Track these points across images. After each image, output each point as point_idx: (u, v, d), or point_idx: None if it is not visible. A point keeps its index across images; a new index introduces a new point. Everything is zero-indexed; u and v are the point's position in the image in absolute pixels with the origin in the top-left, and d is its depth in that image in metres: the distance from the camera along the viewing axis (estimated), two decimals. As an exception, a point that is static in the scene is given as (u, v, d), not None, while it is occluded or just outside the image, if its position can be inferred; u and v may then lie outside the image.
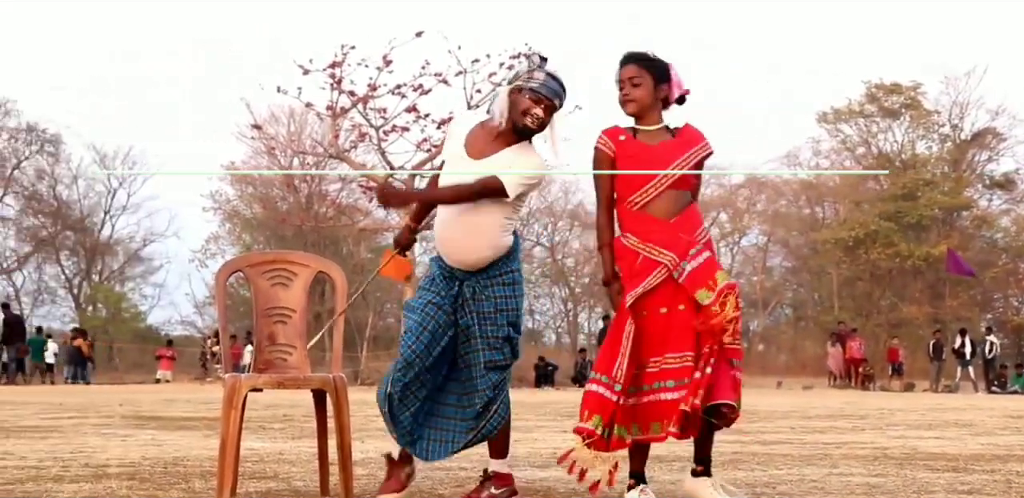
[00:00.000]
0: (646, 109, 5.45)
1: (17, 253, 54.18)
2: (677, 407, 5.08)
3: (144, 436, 10.33)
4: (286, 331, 5.86)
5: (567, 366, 38.04)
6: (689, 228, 5.33)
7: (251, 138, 40.13)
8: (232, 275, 5.88)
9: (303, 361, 5.82)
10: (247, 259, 5.97)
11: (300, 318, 5.86)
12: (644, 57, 5.48)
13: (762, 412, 16.04)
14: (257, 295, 5.86)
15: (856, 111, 54.55)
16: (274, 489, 6.08)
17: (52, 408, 16.06)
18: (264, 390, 5.59)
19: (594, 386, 5.23)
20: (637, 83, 5.42)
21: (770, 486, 6.33)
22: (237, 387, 5.49)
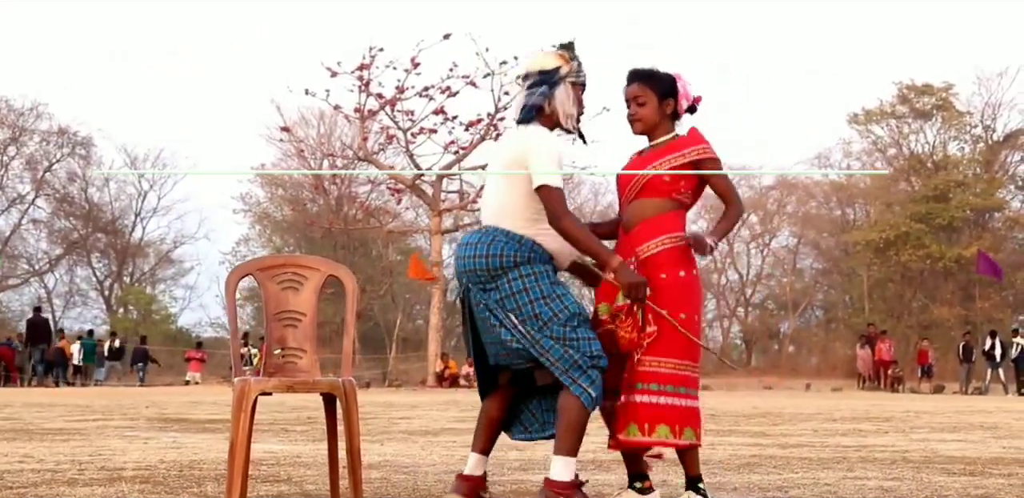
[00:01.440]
0: (652, 127, 5.43)
1: (49, 255, 54.51)
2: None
3: (166, 439, 10.37)
4: (296, 335, 5.86)
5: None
6: (640, 239, 5.27)
7: (280, 141, 40.28)
8: (243, 279, 5.89)
9: (313, 365, 5.82)
10: (257, 263, 5.98)
11: (310, 322, 5.86)
12: (647, 74, 5.44)
13: (787, 414, 15.98)
14: (267, 299, 5.87)
15: (887, 112, 54.35)
16: (285, 492, 6.09)
17: (78, 410, 16.13)
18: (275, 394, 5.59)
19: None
20: (642, 102, 5.40)
21: (783, 490, 6.30)
22: (246, 391, 5.49)
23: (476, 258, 5.19)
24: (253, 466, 7.47)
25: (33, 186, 52.62)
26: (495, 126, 30.85)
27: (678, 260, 5.22)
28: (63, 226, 54.26)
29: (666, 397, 5.10)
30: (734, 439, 10.66)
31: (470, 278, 5.22)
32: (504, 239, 5.17)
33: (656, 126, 5.42)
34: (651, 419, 5.08)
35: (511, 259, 5.14)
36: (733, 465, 7.87)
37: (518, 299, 5.11)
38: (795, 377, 43.63)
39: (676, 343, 5.12)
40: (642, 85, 5.40)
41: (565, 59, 5.28)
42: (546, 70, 5.26)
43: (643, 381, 5.10)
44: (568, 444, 5.06)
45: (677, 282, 5.19)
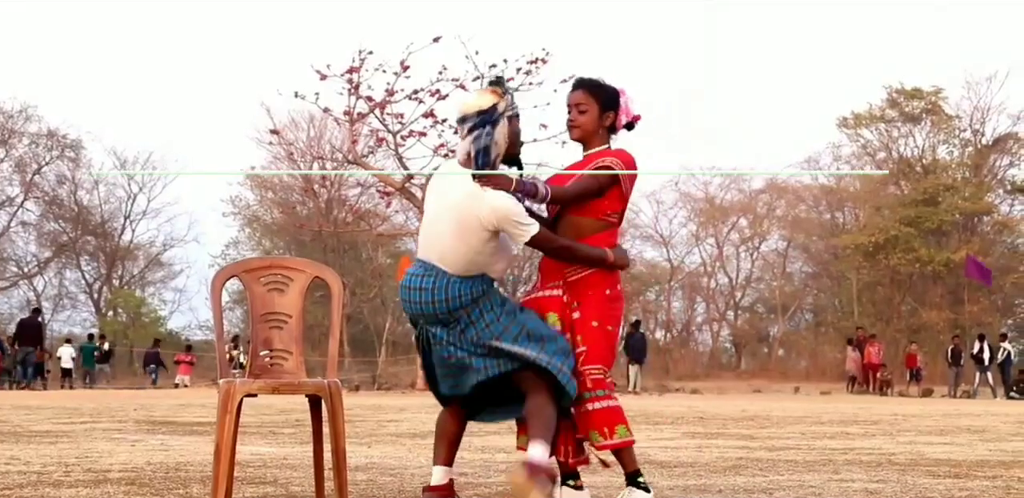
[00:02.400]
0: (589, 135, 5.50)
1: (38, 258, 54.43)
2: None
3: (153, 441, 10.36)
4: (282, 336, 5.86)
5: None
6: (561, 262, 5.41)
7: (270, 143, 40.26)
8: (229, 281, 5.90)
9: (299, 366, 5.82)
10: (243, 265, 5.98)
11: (296, 323, 5.86)
12: (593, 83, 5.51)
13: (775, 418, 16.01)
14: (253, 300, 5.87)
15: (877, 116, 54.43)
16: (271, 494, 6.10)
17: (66, 413, 16.11)
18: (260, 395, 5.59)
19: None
20: (583, 110, 5.47)
21: (767, 492, 6.32)
22: (232, 392, 5.49)
23: (435, 303, 5.25)
24: (239, 468, 7.47)
25: (22, 188, 52.57)
26: (485, 129, 30.79)
27: (603, 280, 5.36)
28: (52, 228, 54.19)
29: (610, 401, 5.27)
30: (721, 442, 10.68)
31: (428, 320, 5.30)
32: (457, 280, 5.25)
33: (592, 136, 5.50)
34: (608, 423, 5.23)
35: (468, 297, 5.23)
36: (719, 467, 7.89)
37: (479, 324, 5.24)
38: (784, 380, 43.69)
39: (602, 352, 5.30)
40: (587, 93, 5.48)
41: (499, 95, 5.30)
42: (484, 110, 5.27)
43: (592, 389, 5.24)
44: (545, 433, 5.13)
45: (604, 299, 5.34)
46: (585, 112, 5.46)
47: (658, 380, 40.62)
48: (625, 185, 5.40)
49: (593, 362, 5.25)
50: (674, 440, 10.97)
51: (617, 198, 5.40)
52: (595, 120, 5.46)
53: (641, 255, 57.90)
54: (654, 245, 58.08)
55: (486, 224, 5.18)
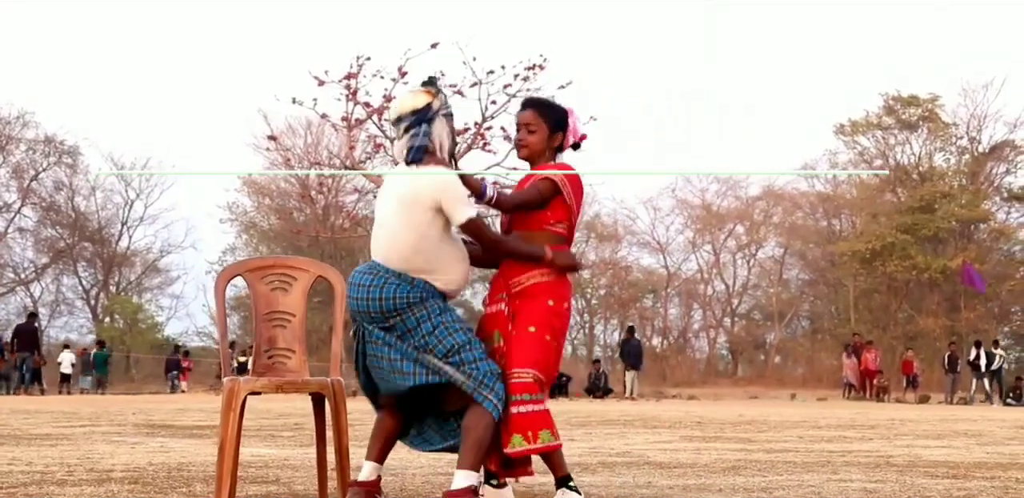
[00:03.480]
0: (536, 155, 5.55)
1: (35, 264, 54.35)
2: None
3: (153, 443, 10.38)
4: (285, 335, 5.92)
5: (582, 377, 38.02)
6: (516, 272, 5.45)
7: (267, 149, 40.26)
8: (231, 280, 5.94)
9: (302, 365, 5.87)
10: (246, 264, 6.03)
11: (299, 322, 5.91)
12: (543, 104, 5.60)
13: (772, 422, 16.04)
14: (257, 300, 5.92)
15: (873, 123, 54.46)
16: (274, 493, 6.13)
17: (65, 417, 16.13)
18: (264, 394, 5.64)
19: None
20: (532, 130, 5.52)
21: (767, 491, 6.36)
22: (236, 390, 5.54)
23: (369, 300, 5.26)
24: (241, 468, 7.49)
25: (20, 195, 52.49)
26: (482, 135, 30.81)
27: (546, 291, 5.36)
28: (50, 235, 54.11)
29: (535, 406, 5.25)
30: (719, 445, 10.72)
31: (364, 318, 5.31)
32: (396, 282, 5.27)
33: (539, 155, 5.54)
34: (532, 427, 5.21)
35: (404, 300, 5.25)
36: (718, 468, 7.93)
37: (416, 334, 5.25)
38: (781, 387, 43.68)
39: (532, 355, 5.27)
40: (536, 114, 5.53)
41: (432, 94, 5.40)
42: (418, 109, 5.36)
43: (515, 393, 5.23)
44: (473, 460, 5.18)
45: (545, 309, 5.34)
46: (534, 132, 5.51)
47: (655, 387, 40.63)
48: (568, 195, 5.41)
49: (520, 365, 5.24)
50: (672, 443, 11.01)
51: (560, 207, 5.42)
52: (543, 140, 5.51)
53: (638, 262, 57.97)
54: (651, 252, 58.10)
55: (426, 198, 5.22)
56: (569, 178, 5.42)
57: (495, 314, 5.42)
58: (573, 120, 5.55)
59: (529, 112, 5.53)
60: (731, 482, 6.88)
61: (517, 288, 5.38)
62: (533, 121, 5.50)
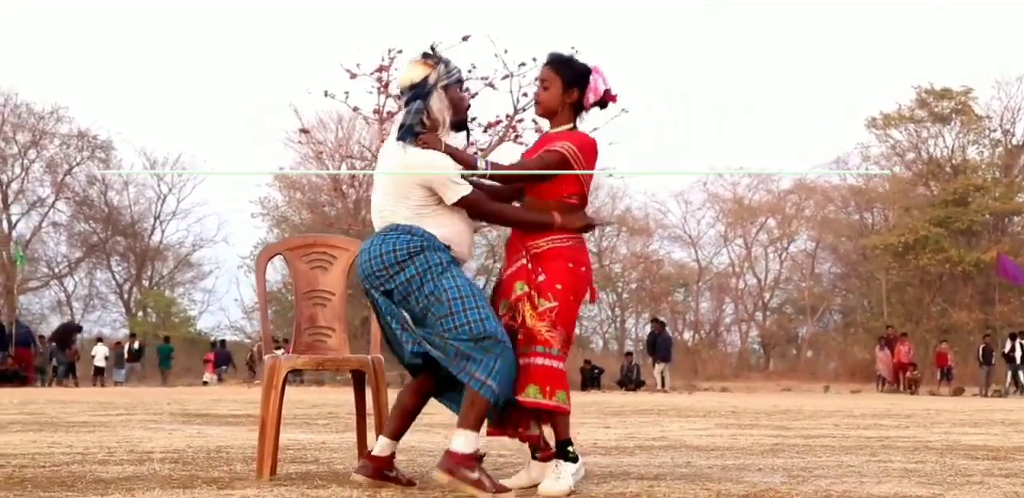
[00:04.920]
0: (552, 112, 5.50)
1: (68, 259, 54.64)
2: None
3: (190, 430, 10.42)
4: (325, 314, 5.94)
5: (614, 370, 38.00)
6: (532, 237, 5.38)
7: (299, 143, 40.38)
8: (272, 258, 5.96)
9: (342, 343, 5.88)
10: (287, 243, 6.05)
11: (339, 301, 5.93)
12: (558, 60, 5.51)
13: (807, 411, 15.99)
14: (297, 278, 5.94)
15: (906, 116, 54.19)
16: (313, 471, 6.14)
17: (100, 407, 16.20)
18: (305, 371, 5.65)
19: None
20: (547, 86, 5.47)
21: (807, 470, 6.34)
22: (277, 367, 5.56)
23: (371, 260, 5.19)
24: (280, 450, 7.52)
25: (53, 189, 52.79)
26: (514, 127, 30.88)
27: (564, 254, 5.31)
28: (83, 229, 54.40)
29: (557, 362, 5.19)
30: (755, 431, 10.68)
31: (370, 282, 5.22)
32: (395, 234, 5.20)
33: (556, 112, 5.49)
34: (551, 383, 5.15)
35: (404, 252, 5.15)
36: (756, 451, 7.91)
37: (416, 297, 5.14)
38: (813, 381, 43.53)
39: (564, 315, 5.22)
40: (551, 69, 5.47)
41: (430, 66, 5.33)
42: (415, 83, 5.31)
43: (540, 344, 5.17)
44: (470, 419, 5.08)
45: (567, 270, 5.29)
46: (548, 88, 5.46)
47: (687, 380, 40.55)
48: (579, 166, 5.34)
49: (555, 322, 5.19)
50: (707, 429, 10.98)
51: (572, 180, 5.36)
52: (557, 97, 5.44)
53: (669, 255, 57.90)
54: (682, 245, 58.05)
55: (415, 177, 5.17)
56: (581, 148, 5.34)
57: (517, 270, 5.35)
58: (595, 78, 5.45)
59: (546, 68, 5.48)
60: (770, 462, 6.86)
61: (535, 250, 5.32)
62: (548, 77, 5.45)
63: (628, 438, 9.42)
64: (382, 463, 5.35)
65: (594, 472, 6.12)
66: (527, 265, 5.32)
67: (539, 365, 5.15)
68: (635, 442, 8.86)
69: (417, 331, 5.13)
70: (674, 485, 5.44)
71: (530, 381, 5.14)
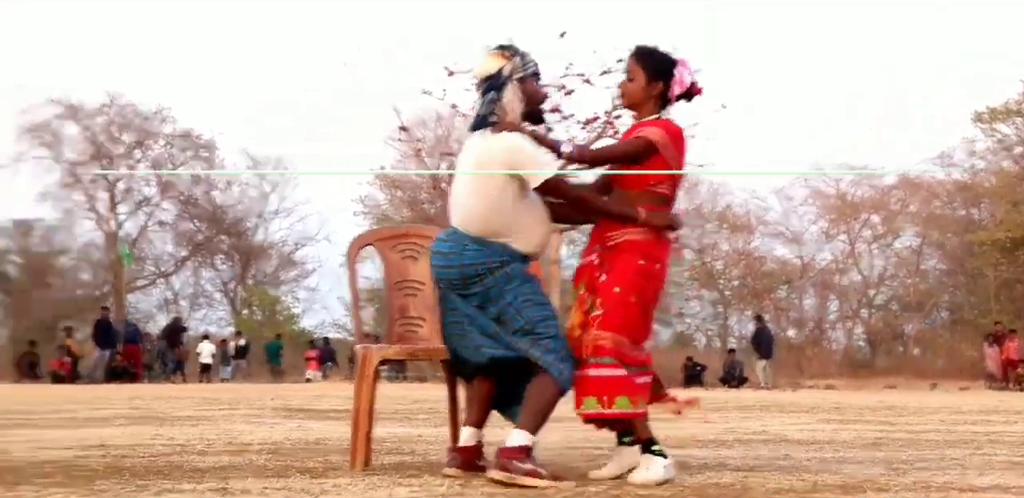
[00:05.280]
0: (636, 104, 5.45)
1: (174, 257, 55.34)
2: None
3: (291, 424, 10.49)
4: (416, 304, 5.93)
5: (716, 367, 37.79)
6: (611, 228, 5.32)
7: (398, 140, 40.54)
8: (363, 248, 5.96)
9: (434, 333, 5.86)
10: (378, 233, 6.06)
11: (430, 291, 5.91)
12: (643, 52, 5.45)
13: (912, 407, 15.75)
14: (388, 268, 5.94)
15: (1013, 110, 53.29)
16: (408, 462, 6.14)
17: (205, 402, 16.38)
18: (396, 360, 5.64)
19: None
20: (631, 78, 5.43)
21: (908, 463, 6.23)
22: (368, 357, 5.56)
23: (449, 268, 5.20)
24: (376, 443, 7.54)
25: (159, 189, 53.51)
26: (611, 124, 30.71)
27: (637, 249, 5.23)
28: (188, 228, 55.08)
29: (614, 370, 5.11)
30: (859, 426, 10.53)
31: (445, 285, 5.25)
32: (474, 247, 5.19)
33: (640, 104, 5.43)
34: (608, 391, 5.09)
35: (484, 266, 5.16)
36: (858, 445, 7.79)
37: (495, 305, 5.15)
38: (920, 379, 42.91)
39: (616, 320, 5.14)
40: (636, 62, 5.43)
41: (506, 58, 5.31)
42: (491, 75, 5.30)
43: (593, 355, 5.13)
44: (532, 422, 5.11)
45: (635, 268, 5.20)
46: (632, 80, 5.41)
47: (791, 378, 40.17)
48: (668, 153, 5.26)
49: (603, 327, 5.12)
50: (810, 424, 10.84)
51: (661, 167, 5.27)
52: (642, 88, 5.38)
53: (771, 252, 57.42)
54: (784, 242, 57.54)
55: (497, 163, 5.15)
56: (672, 136, 5.28)
57: (586, 265, 5.34)
58: (680, 71, 5.40)
59: (631, 60, 5.44)
60: (871, 455, 6.75)
61: (611, 242, 5.27)
62: (632, 69, 5.42)
63: (728, 432, 9.33)
64: (470, 454, 5.35)
65: (690, 464, 6.06)
66: (595, 261, 5.30)
67: (591, 376, 5.11)
68: (734, 436, 8.78)
69: (501, 333, 5.13)
70: (770, 476, 5.37)
71: (586, 394, 5.12)
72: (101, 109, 51.95)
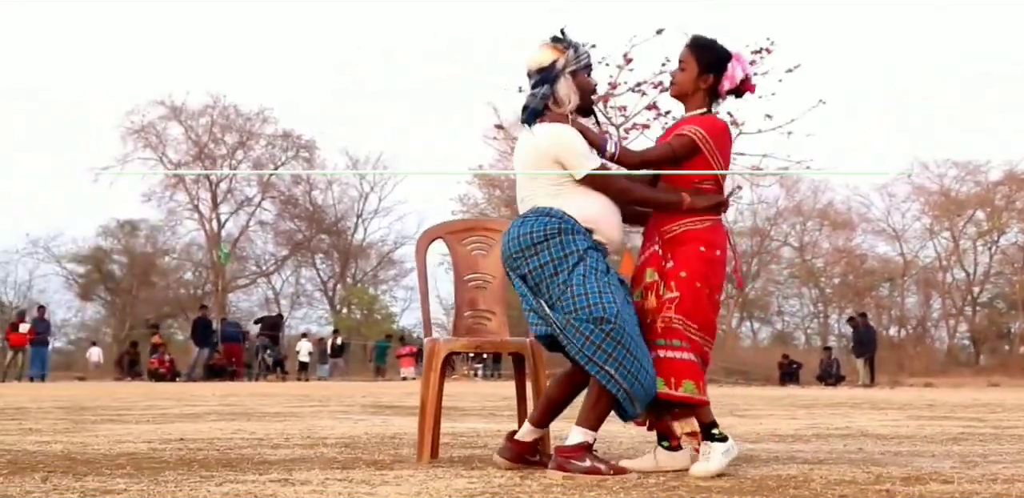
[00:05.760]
0: (685, 95, 5.41)
1: (275, 256, 55.96)
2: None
3: (376, 420, 10.56)
4: (485, 297, 5.96)
5: (814, 366, 37.45)
6: (666, 221, 5.29)
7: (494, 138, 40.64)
8: (433, 241, 6.00)
9: (502, 326, 5.89)
10: (447, 227, 6.09)
11: (499, 284, 5.95)
12: (699, 43, 5.41)
13: (1008, 404, 15.51)
14: (457, 262, 5.98)
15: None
16: (477, 455, 6.16)
17: (298, 399, 16.53)
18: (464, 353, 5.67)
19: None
20: (683, 68, 5.38)
21: (983, 456, 6.15)
22: (436, 350, 5.60)
23: (509, 242, 5.17)
24: (453, 437, 7.59)
25: (260, 189, 54.12)
26: (709, 120, 30.56)
27: (696, 237, 5.21)
28: (288, 228, 55.68)
29: (682, 353, 5.11)
30: (947, 422, 10.39)
31: (509, 265, 5.21)
32: (533, 216, 5.16)
33: (689, 95, 5.39)
34: (675, 373, 5.08)
35: (541, 233, 5.10)
36: (937, 440, 7.70)
37: (543, 287, 5.09)
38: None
39: (688, 304, 5.14)
40: (691, 52, 5.39)
41: (560, 50, 5.28)
42: (544, 67, 5.27)
43: (660, 337, 5.12)
44: (591, 419, 5.08)
45: (697, 255, 5.18)
46: (684, 70, 5.37)
47: (892, 376, 39.73)
48: (712, 152, 5.23)
49: (678, 311, 5.11)
50: (897, 421, 10.72)
51: (705, 165, 5.25)
52: (692, 80, 5.35)
53: (873, 249, 56.84)
54: (886, 239, 56.94)
55: (544, 156, 5.16)
56: (713, 132, 5.25)
57: (649, 256, 5.29)
58: (734, 65, 5.37)
59: (684, 49, 5.41)
60: (947, 449, 6.68)
61: (668, 235, 5.24)
62: (685, 58, 5.38)
63: (810, 428, 9.26)
64: (524, 448, 5.33)
65: (760, 457, 6.04)
66: (658, 251, 5.27)
67: (661, 357, 5.10)
68: (815, 431, 8.71)
69: (551, 315, 5.05)
70: (835, 468, 5.33)
71: (657, 374, 5.09)
72: (204, 110, 52.69)
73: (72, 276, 54.62)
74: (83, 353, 43.69)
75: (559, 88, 5.25)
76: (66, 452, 6.34)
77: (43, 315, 34.46)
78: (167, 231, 54.53)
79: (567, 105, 5.27)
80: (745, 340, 56.90)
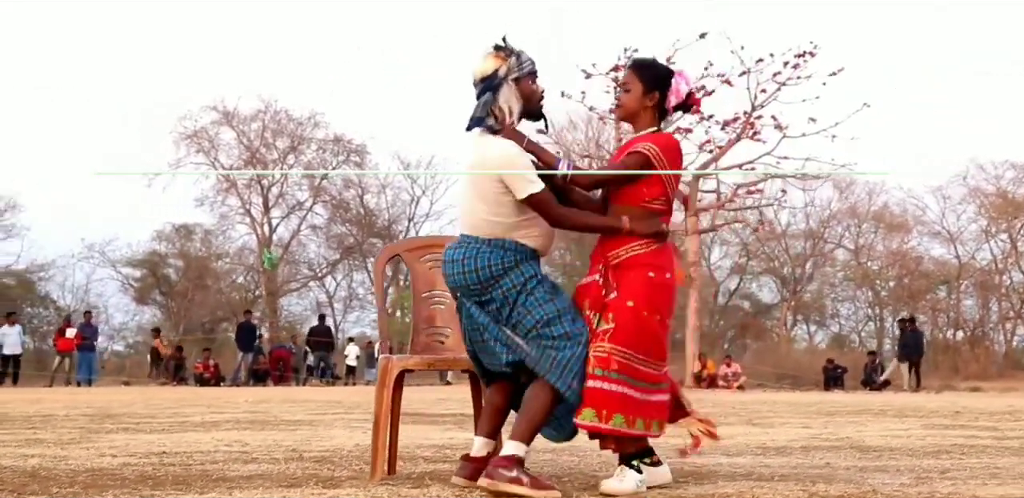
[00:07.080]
0: (632, 116, 5.45)
1: (327, 260, 56.19)
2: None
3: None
4: (443, 314, 6.00)
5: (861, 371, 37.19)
6: (613, 245, 5.30)
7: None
8: (391, 259, 6.05)
9: (459, 343, 5.92)
10: (405, 244, 6.14)
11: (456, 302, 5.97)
12: (640, 64, 5.49)
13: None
14: (415, 279, 6.02)
15: None
16: (439, 471, 6.19)
17: (328, 405, 16.57)
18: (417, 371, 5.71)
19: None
20: (628, 89, 5.43)
21: (944, 472, 6.11)
22: (389, 368, 5.64)
23: (464, 274, 5.23)
24: (436, 450, 7.63)
25: (311, 193, 54.37)
26: (752, 124, 30.53)
27: (645, 262, 5.22)
28: (340, 231, 55.90)
29: (612, 385, 5.08)
30: (956, 432, 10.28)
31: (463, 293, 5.27)
32: (488, 249, 5.23)
33: (636, 116, 5.43)
34: (605, 406, 5.07)
35: (499, 267, 5.20)
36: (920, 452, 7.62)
37: (511, 307, 5.17)
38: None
39: (628, 335, 5.12)
40: (633, 73, 5.44)
41: (501, 58, 5.33)
42: (486, 76, 5.33)
43: (597, 367, 5.10)
44: (524, 432, 5.13)
45: (645, 281, 5.19)
46: (628, 92, 5.41)
47: (946, 380, 39.39)
48: (663, 167, 5.25)
49: (613, 341, 5.11)
50: (907, 430, 10.62)
51: (657, 183, 5.26)
52: (638, 99, 5.38)
53: (928, 252, 56.37)
54: (942, 242, 56.42)
55: (491, 169, 5.20)
56: (665, 150, 5.27)
57: (588, 285, 5.32)
58: (677, 80, 5.40)
59: (627, 71, 5.48)
60: (915, 464, 6.63)
61: (615, 261, 5.25)
62: (629, 80, 5.44)
63: (809, 438, 9.21)
64: (481, 464, 5.35)
65: (718, 473, 6.03)
66: (598, 281, 5.29)
67: (590, 387, 5.09)
68: (808, 442, 8.67)
69: (514, 338, 5.16)
70: (776, 486, 5.32)
71: (585, 405, 5.10)
72: (256, 115, 53.03)
73: (128, 280, 55.14)
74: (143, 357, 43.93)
75: (500, 95, 5.31)
76: (35, 468, 6.40)
77: (89, 320, 34.78)
78: (220, 235, 54.94)
79: (511, 114, 5.32)
80: (801, 342, 56.62)
